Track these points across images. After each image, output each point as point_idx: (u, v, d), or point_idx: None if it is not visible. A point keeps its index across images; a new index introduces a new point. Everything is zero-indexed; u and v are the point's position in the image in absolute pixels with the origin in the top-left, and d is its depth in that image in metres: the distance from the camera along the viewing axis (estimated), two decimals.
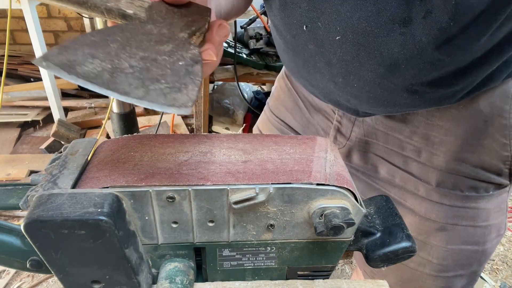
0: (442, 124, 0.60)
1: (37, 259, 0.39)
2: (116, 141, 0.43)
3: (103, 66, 0.29)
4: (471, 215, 0.65)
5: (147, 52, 0.32)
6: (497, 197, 0.65)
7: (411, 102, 0.57)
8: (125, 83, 0.29)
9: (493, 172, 0.62)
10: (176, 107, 0.29)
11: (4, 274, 1.60)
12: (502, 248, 1.87)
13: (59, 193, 0.33)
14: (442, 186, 0.64)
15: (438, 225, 0.66)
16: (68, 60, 0.29)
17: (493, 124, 0.58)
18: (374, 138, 0.68)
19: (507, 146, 0.60)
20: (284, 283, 0.42)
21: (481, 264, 0.70)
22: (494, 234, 0.68)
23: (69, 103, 2.69)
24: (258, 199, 0.36)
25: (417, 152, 0.64)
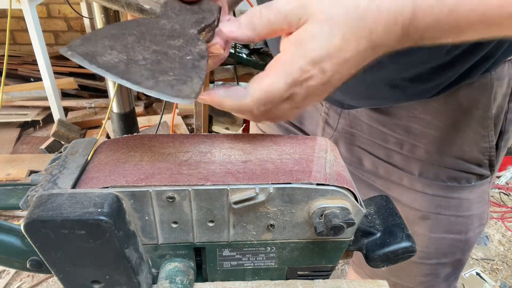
0: (423, 116, 0.61)
1: (37, 259, 0.39)
2: (116, 141, 0.43)
3: (120, 58, 0.32)
4: (453, 205, 0.67)
5: (159, 46, 0.35)
6: (479, 188, 0.67)
7: (393, 96, 0.59)
8: (137, 74, 0.32)
9: (473, 163, 0.64)
10: (181, 98, 0.32)
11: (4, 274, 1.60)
12: (502, 248, 1.87)
13: (59, 193, 0.33)
14: (424, 176, 0.65)
15: (421, 213, 0.68)
16: (90, 50, 0.32)
17: (472, 116, 0.60)
18: (359, 130, 0.70)
19: (487, 138, 0.61)
20: (284, 283, 0.42)
21: (464, 252, 0.72)
22: (477, 223, 0.70)
23: (69, 103, 2.69)
24: (258, 199, 0.36)
25: (399, 145, 0.65)
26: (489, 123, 0.60)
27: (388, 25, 0.33)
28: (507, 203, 2.16)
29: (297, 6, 0.34)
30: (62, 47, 0.32)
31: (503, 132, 0.64)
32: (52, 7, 3.15)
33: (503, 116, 0.62)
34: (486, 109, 0.59)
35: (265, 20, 0.35)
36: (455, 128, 0.61)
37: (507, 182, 2.30)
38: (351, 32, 0.33)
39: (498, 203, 2.15)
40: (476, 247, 1.87)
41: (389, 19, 0.33)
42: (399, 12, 0.33)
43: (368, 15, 0.33)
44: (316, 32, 0.33)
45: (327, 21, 0.33)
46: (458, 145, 0.62)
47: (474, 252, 1.83)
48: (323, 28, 0.33)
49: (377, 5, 0.32)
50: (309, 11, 0.33)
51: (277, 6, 0.34)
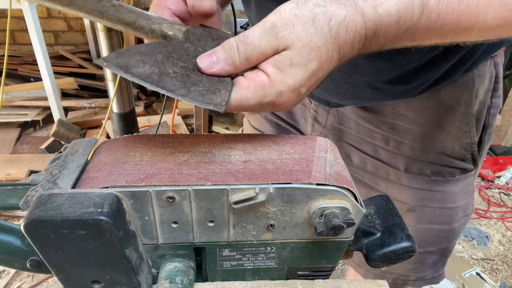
0: (407, 114, 0.64)
1: (37, 259, 0.39)
2: (116, 141, 0.43)
3: (152, 70, 0.35)
4: (438, 198, 0.69)
5: (186, 63, 0.38)
6: (463, 181, 0.70)
7: (374, 96, 0.62)
8: (170, 83, 0.35)
9: (456, 158, 0.66)
10: (213, 105, 0.35)
11: (4, 274, 1.60)
12: (502, 248, 1.87)
13: (59, 193, 0.33)
14: (410, 171, 0.68)
15: (408, 206, 0.71)
16: (124, 62, 0.35)
17: (454, 113, 0.62)
18: (347, 127, 0.73)
19: (468, 134, 0.64)
20: (284, 283, 0.42)
21: (450, 241, 0.75)
22: (461, 214, 0.73)
23: (69, 103, 2.69)
24: (258, 199, 0.36)
25: (385, 141, 0.68)
26: (470, 120, 0.62)
27: (354, 43, 0.37)
28: (507, 203, 2.16)
29: (272, 38, 0.35)
30: (99, 59, 0.34)
31: (486, 126, 0.66)
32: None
33: (486, 111, 0.64)
34: (467, 106, 0.61)
35: (244, 57, 0.36)
36: (438, 125, 0.63)
37: (507, 182, 2.30)
38: (326, 53, 0.36)
39: (498, 203, 2.16)
40: (476, 247, 1.87)
41: (355, 39, 0.37)
42: (364, 35, 0.37)
43: (340, 36, 0.36)
44: (294, 60, 0.36)
45: (304, 47, 0.35)
46: (441, 141, 0.64)
47: (474, 252, 1.83)
48: (302, 54, 0.35)
49: (345, 27, 0.36)
50: (285, 41, 0.35)
51: (253, 42, 0.36)
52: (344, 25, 0.36)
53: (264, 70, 0.37)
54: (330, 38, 0.36)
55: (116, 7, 0.43)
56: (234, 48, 0.37)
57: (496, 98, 0.65)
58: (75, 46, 3.29)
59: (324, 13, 0.36)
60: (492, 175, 2.31)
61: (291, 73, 0.36)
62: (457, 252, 1.83)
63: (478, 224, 2.01)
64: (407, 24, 0.37)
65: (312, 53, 0.36)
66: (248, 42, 0.36)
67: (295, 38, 0.35)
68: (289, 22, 0.35)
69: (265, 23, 0.36)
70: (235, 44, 0.37)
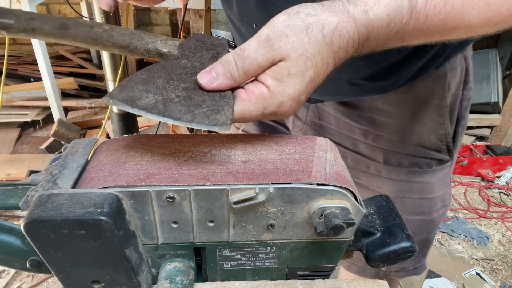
0: (384, 108, 0.66)
1: (37, 259, 0.39)
2: (116, 141, 0.43)
3: (156, 99, 0.36)
4: (417, 189, 0.72)
5: (186, 83, 0.39)
6: (440, 172, 0.72)
7: (353, 92, 0.64)
8: (175, 110, 0.36)
9: (432, 149, 0.69)
10: (218, 126, 0.35)
11: (4, 274, 1.60)
12: (502, 248, 1.87)
13: (59, 193, 0.33)
14: (389, 163, 0.70)
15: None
16: (129, 96, 0.36)
17: (429, 106, 0.65)
18: (327, 122, 0.75)
19: (443, 125, 0.67)
20: (284, 283, 0.42)
21: (430, 232, 0.77)
22: (440, 205, 0.75)
23: (69, 103, 2.69)
24: (258, 199, 0.36)
25: (364, 135, 0.70)
26: (444, 111, 0.65)
27: (348, 48, 0.38)
28: (507, 203, 2.16)
29: (267, 50, 0.37)
30: (104, 97, 0.36)
31: (459, 118, 0.69)
32: (52, 7, 3.15)
33: (458, 104, 0.67)
34: (441, 99, 0.64)
35: (242, 71, 0.38)
36: (414, 117, 0.66)
37: (507, 182, 2.30)
38: (322, 61, 0.38)
39: (498, 203, 2.15)
40: (476, 247, 1.87)
41: (349, 44, 0.38)
42: (357, 39, 0.38)
43: (334, 43, 0.37)
44: (291, 70, 0.37)
45: (300, 57, 0.36)
46: (418, 133, 0.67)
47: (474, 252, 1.83)
48: (299, 64, 0.37)
49: (338, 34, 0.37)
50: (280, 52, 0.36)
51: (250, 55, 0.37)
52: (337, 32, 0.37)
53: (263, 82, 0.38)
54: (324, 46, 0.37)
55: (108, 32, 0.44)
56: (232, 62, 0.38)
57: (467, 90, 0.67)
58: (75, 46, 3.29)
59: (317, 22, 0.37)
60: (492, 175, 2.31)
61: (290, 83, 0.37)
62: (457, 252, 1.83)
63: (478, 224, 2.01)
64: (397, 27, 0.38)
65: (308, 62, 0.37)
66: (245, 55, 0.37)
67: (290, 48, 0.36)
68: (283, 34, 0.36)
69: (260, 35, 0.37)
70: (233, 59, 0.38)
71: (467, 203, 2.16)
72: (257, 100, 0.38)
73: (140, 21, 3.22)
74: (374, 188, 0.73)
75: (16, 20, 0.43)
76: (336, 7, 0.37)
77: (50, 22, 0.43)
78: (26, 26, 0.43)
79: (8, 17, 0.42)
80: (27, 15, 0.43)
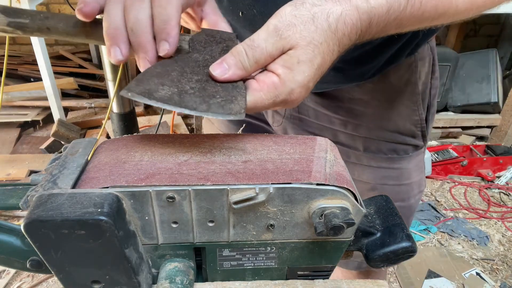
0: (362, 97, 0.69)
1: (37, 259, 0.39)
2: (116, 141, 0.43)
3: (172, 91, 0.37)
4: (395, 175, 0.75)
5: (199, 75, 0.40)
6: (415, 158, 0.76)
7: (336, 79, 0.66)
8: (191, 101, 0.37)
9: (408, 135, 0.72)
10: (233, 115, 0.37)
11: (4, 274, 1.60)
12: (502, 248, 1.87)
13: (59, 193, 0.33)
14: (368, 151, 0.73)
15: (370, 185, 0.75)
16: (145, 89, 0.37)
17: (403, 93, 0.68)
18: (306, 115, 0.76)
19: (416, 111, 0.70)
20: (284, 283, 0.42)
21: (407, 218, 0.81)
22: (416, 190, 0.79)
23: (69, 103, 2.69)
24: (258, 199, 0.36)
25: (343, 125, 0.72)
26: (417, 98, 0.69)
27: (351, 35, 0.40)
28: (507, 203, 2.16)
29: (277, 40, 0.38)
30: (122, 90, 0.37)
31: (429, 106, 0.73)
32: (52, 7, 3.15)
33: (428, 92, 0.71)
34: (413, 86, 0.68)
35: (253, 61, 0.39)
36: (390, 105, 0.69)
37: (507, 182, 2.30)
38: (328, 47, 0.39)
39: (498, 203, 2.16)
40: (476, 247, 1.87)
41: (352, 31, 0.40)
42: (359, 26, 0.40)
43: (339, 30, 0.39)
44: (301, 58, 0.38)
45: (308, 45, 0.38)
46: (394, 120, 0.70)
47: (474, 252, 1.84)
48: (307, 51, 0.38)
49: (343, 21, 0.39)
50: (289, 41, 0.38)
51: (259, 45, 0.38)
52: (342, 20, 0.39)
53: (274, 71, 0.39)
54: (330, 33, 0.39)
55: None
56: (243, 53, 0.39)
57: (434, 80, 0.71)
58: (75, 46, 3.29)
59: (322, 11, 0.38)
60: (492, 175, 2.31)
61: (300, 70, 0.38)
62: (457, 252, 1.83)
63: (478, 224, 2.01)
64: (396, 13, 0.41)
65: (316, 49, 0.38)
66: (255, 45, 0.38)
67: (299, 37, 0.38)
68: (290, 23, 0.38)
69: (268, 26, 0.39)
70: (243, 49, 0.39)
71: (467, 203, 2.16)
72: (269, 89, 0.39)
73: None
74: (355, 177, 0.75)
75: (31, 19, 0.43)
76: None
77: (64, 20, 0.43)
78: (41, 25, 0.43)
79: (23, 17, 0.42)
80: (41, 14, 0.43)
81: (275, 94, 0.39)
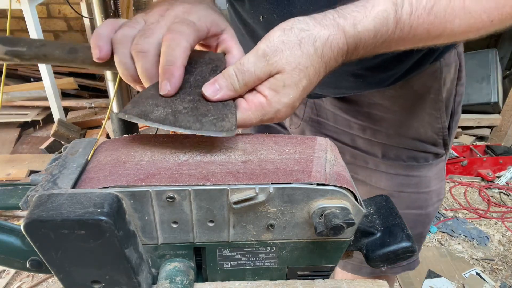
0: (382, 103, 0.68)
1: (37, 259, 0.39)
2: (116, 141, 0.43)
3: (166, 111, 0.40)
4: (414, 183, 0.73)
5: (191, 95, 0.42)
6: (436, 166, 0.74)
7: (355, 85, 0.65)
8: (185, 120, 0.39)
9: (429, 143, 0.71)
10: (225, 131, 0.39)
11: (4, 274, 1.60)
12: (502, 248, 1.87)
13: (59, 193, 0.33)
14: (387, 157, 0.72)
15: (386, 192, 0.72)
16: (141, 110, 0.39)
17: (425, 100, 0.67)
18: (325, 118, 0.76)
19: (439, 119, 0.69)
20: (284, 283, 0.42)
21: (425, 226, 0.79)
22: (435, 198, 0.77)
23: (69, 103, 2.69)
24: (258, 199, 0.36)
25: (362, 130, 0.72)
26: (440, 106, 0.68)
27: (337, 58, 0.42)
28: (507, 203, 2.16)
29: (264, 65, 0.40)
30: (120, 113, 0.39)
31: (453, 113, 0.71)
32: (52, 7, 3.15)
33: (452, 99, 0.69)
34: (437, 93, 0.66)
35: (242, 83, 0.41)
36: (411, 112, 0.68)
37: (507, 182, 2.30)
38: (314, 71, 0.41)
39: (498, 203, 2.15)
40: (476, 247, 1.87)
41: (338, 54, 0.41)
42: (346, 49, 0.41)
43: (325, 54, 0.41)
44: (286, 82, 0.40)
45: (294, 70, 0.40)
46: (415, 127, 0.69)
47: (474, 252, 1.83)
48: (293, 76, 0.40)
49: (329, 46, 0.40)
50: (276, 66, 0.40)
51: (249, 69, 0.41)
52: (328, 44, 0.40)
53: (261, 92, 0.42)
54: (316, 58, 0.40)
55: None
56: (233, 76, 0.41)
57: (460, 86, 0.70)
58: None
59: (309, 36, 0.40)
60: (492, 175, 2.31)
61: (285, 93, 0.41)
62: (457, 252, 1.83)
63: (478, 224, 2.01)
64: (384, 37, 0.42)
65: (301, 73, 0.40)
66: (245, 69, 0.41)
67: (285, 63, 0.40)
68: (278, 49, 0.40)
69: (257, 50, 0.41)
70: (234, 72, 0.41)
71: (467, 203, 2.16)
72: (256, 109, 0.42)
73: None
74: (372, 183, 0.74)
75: (28, 47, 0.45)
76: (327, 20, 0.41)
77: (60, 47, 0.46)
78: (37, 52, 0.45)
79: (20, 45, 0.45)
80: (37, 42, 0.46)
81: (262, 113, 0.42)
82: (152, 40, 0.43)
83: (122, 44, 0.43)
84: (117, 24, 0.46)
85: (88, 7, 2.78)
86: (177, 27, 0.43)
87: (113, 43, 0.44)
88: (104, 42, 0.43)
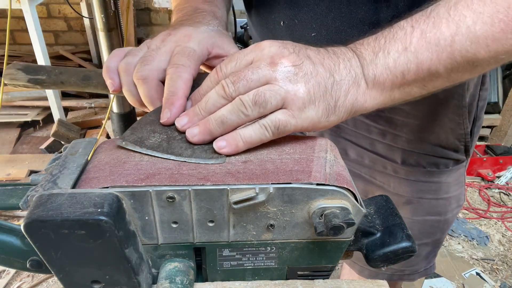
0: (403, 107, 0.66)
1: (37, 259, 0.39)
2: (116, 141, 0.43)
3: (161, 138, 0.41)
4: (433, 189, 0.72)
5: None
6: (456, 172, 0.73)
7: None
8: (177, 147, 0.40)
9: (450, 149, 0.69)
10: (214, 159, 0.39)
11: (4, 274, 1.60)
12: (502, 248, 1.87)
13: (59, 193, 0.33)
14: (407, 163, 0.71)
15: (404, 199, 0.73)
16: (138, 137, 0.41)
17: (447, 105, 0.65)
18: (344, 122, 0.74)
19: (462, 125, 0.67)
20: (284, 283, 0.42)
21: (443, 232, 0.79)
22: (455, 205, 0.76)
23: (69, 103, 2.69)
24: (258, 199, 0.36)
25: (382, 135, 0.70)
26: (463, 111, 0.66)
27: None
28: (507, 203, 2.16)
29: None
30: (118, 139, 0.41)
31: (475, 119, 0.70)
32: (52, 7, 3.15)
33: (475, 104, 0.68)
34: (460, 99, 0.65)
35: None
36: (433, 117, 0.66)
37: (507, 182, 2.30)
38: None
39: (498, 203, 2.16)
40: (476, 247, 1.87)
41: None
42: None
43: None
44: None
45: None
46: (436, 132, 0.67)
47: (474, 252, 1.84)
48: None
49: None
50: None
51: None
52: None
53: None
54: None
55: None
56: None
57: (483, 91, 0.68)
58: (75, 46, 3.29)
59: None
60: (492, 175, 2.31)
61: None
62: (457, 252, 1.83)
63: (478, 224, 2.01)
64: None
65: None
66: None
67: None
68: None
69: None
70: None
71: (467, 203, 2.16)
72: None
73: (141, 21, 3.22)
74: (390, 189, 0.73)
75: (48, 75, 0.51)
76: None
77: (75, 74, 0.51)
78: (56, 80, 0.51)
79: (41, 74, 0.51)
80: (56, 70, 0.51)
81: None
82: (152, 67, 0.45)
83: (126, 73, 0.46)
84: (123, 53, 0.48)
85: (88, 7, 2.78)
86: (178, 60, 0.45)
87: (119, 72, 0.47)
88: (115, 74, 0.46)
